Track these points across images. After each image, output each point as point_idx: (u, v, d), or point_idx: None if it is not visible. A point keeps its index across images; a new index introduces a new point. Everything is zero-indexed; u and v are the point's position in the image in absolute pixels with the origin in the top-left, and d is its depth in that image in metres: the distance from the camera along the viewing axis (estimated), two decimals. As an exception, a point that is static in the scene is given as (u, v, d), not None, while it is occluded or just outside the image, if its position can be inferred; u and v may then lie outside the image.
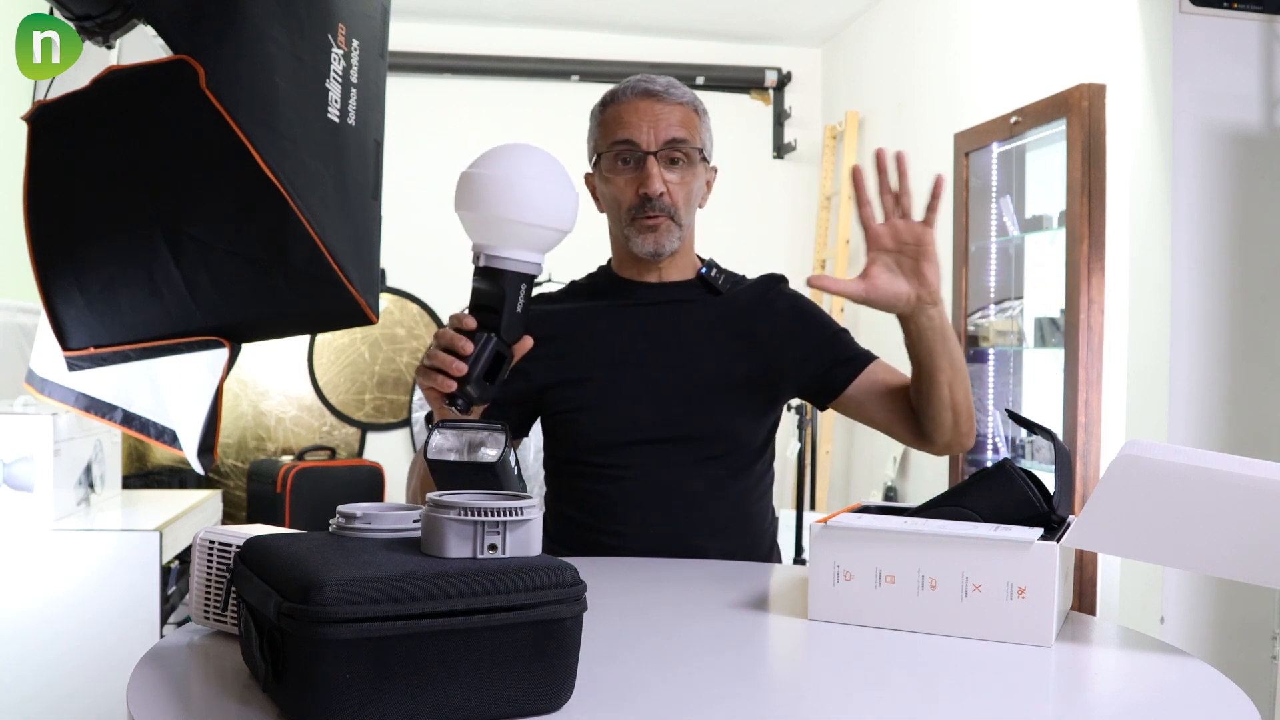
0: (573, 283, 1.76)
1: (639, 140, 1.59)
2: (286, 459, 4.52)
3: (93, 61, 1.31)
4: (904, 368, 1.64)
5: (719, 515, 1.60)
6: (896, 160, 1.37)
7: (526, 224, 1.33)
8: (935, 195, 1.37)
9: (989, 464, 2.23)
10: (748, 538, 1.63)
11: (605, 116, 1.64)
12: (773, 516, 1.71)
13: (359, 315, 1.34)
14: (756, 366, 1.62)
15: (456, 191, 1.37)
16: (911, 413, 1.58)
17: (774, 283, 1.71)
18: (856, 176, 1.40)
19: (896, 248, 1.41)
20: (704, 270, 1.68)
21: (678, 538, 1.57)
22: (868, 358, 1.65)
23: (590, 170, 1.70)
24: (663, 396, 1.60)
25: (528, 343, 1.42)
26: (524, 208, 1.33)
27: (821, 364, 1.64)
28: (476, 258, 1.38)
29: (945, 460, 3.63)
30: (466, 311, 1.40)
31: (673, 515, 1.58)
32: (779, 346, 1.64)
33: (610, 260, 1.73)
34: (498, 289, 1.37)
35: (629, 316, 1.65)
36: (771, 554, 1.68)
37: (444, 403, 1.39)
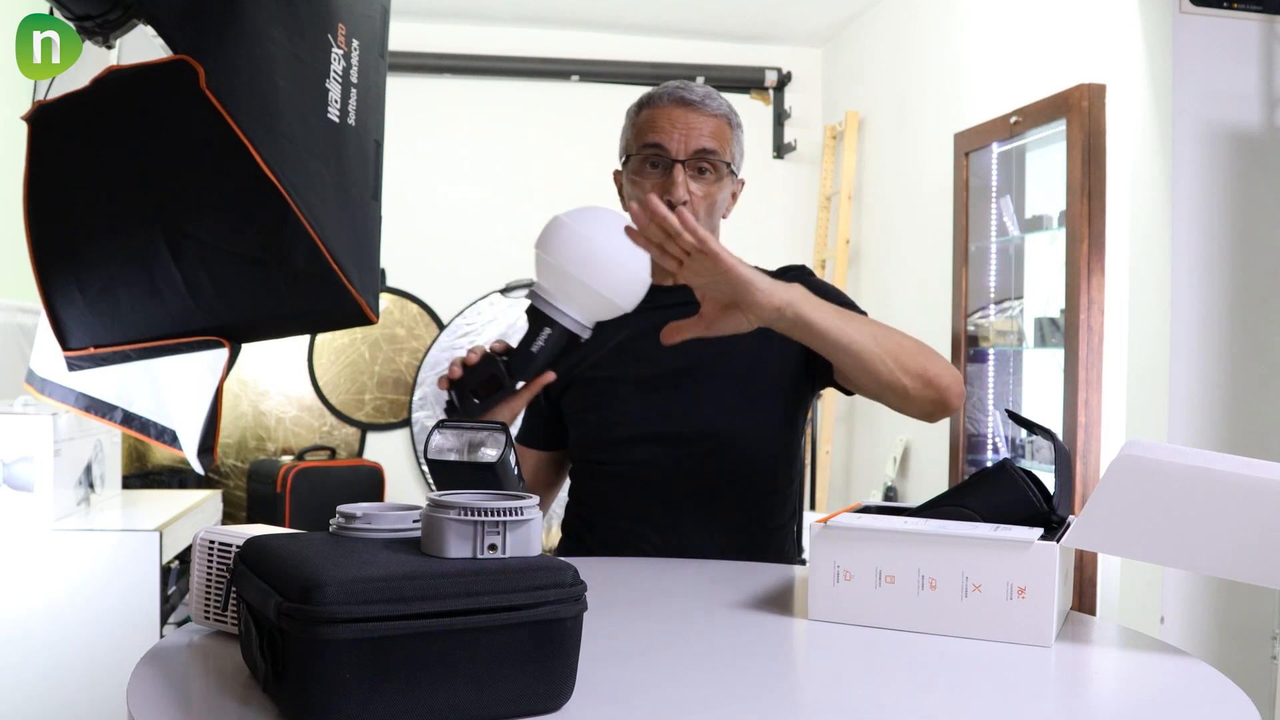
0: None
1: (669, 147, 1.59)
2: (286, 459, 4.52)
3: (93, 61, 1.31)
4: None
5: (725, 513, 1.61)
6: (652, 213, 1.22)
7: (592, 290, 1.36)
8: (680, 222, 1.21)
9: (989, 464, 2.23)
10: (756, 537, 1.64)
11: (639, 119, 1.64)
12: (792, 515, 1.71)
13: (359, 315, 1.34)
14: (766, 364, 1.62)
15: (543, 231, 1.41)
16: None
17: (792, 276, 1.68)
18: (642, 237, 1.25)
19: (706, 282, 1.29)
20: None
21: (683, 536, 1.58)
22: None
23: (620, 168, 1.70)
24: (667, 398, 1.61)
25: (540, 382, 1.45)
26: (597, 275, 1.37)
27: None
28: (530, 294, 1.43)
29: (945, 460, 3.63)
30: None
31: (680, 514, 1.59)
32: (788, 339, 1.62)
33: None
34: (533, 327, 1.42)
35: (640, 319, 1.66)
36: (790, 552, 1.68)
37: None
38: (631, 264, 1.38)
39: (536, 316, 1.42)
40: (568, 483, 1.77)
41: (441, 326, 4.81)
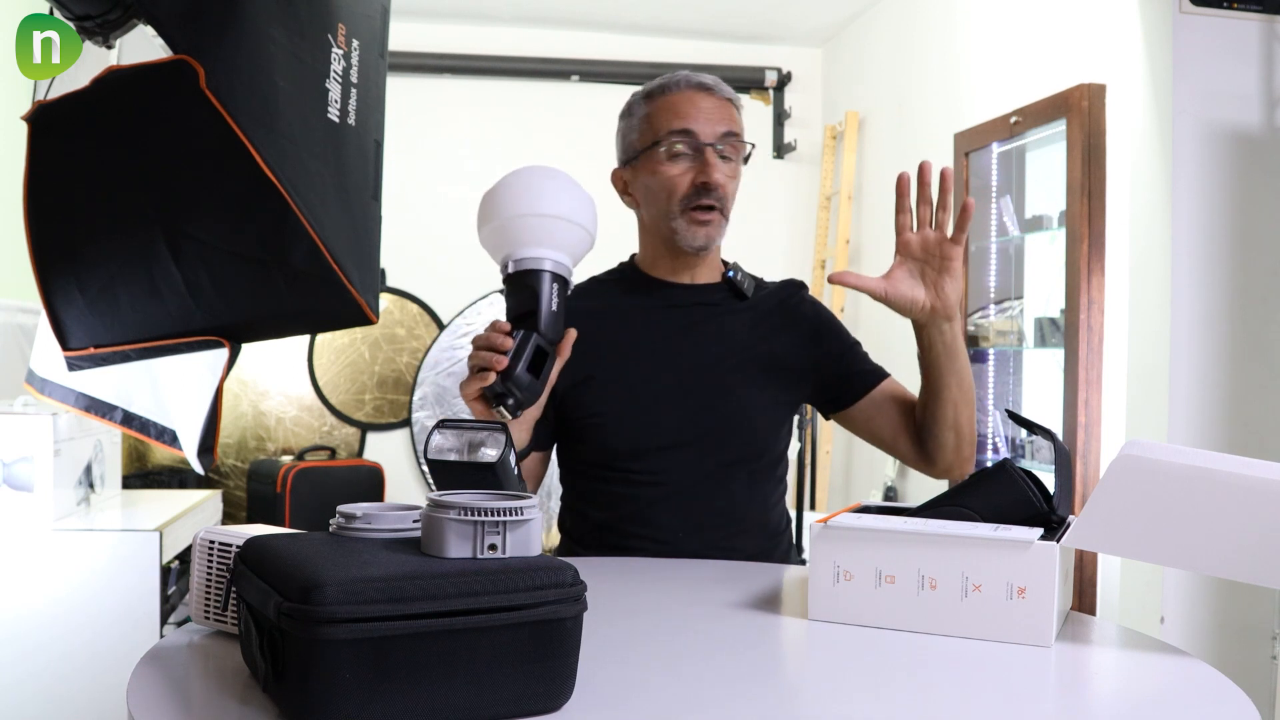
0: (594, 278, 1.75)
1: (698, 131, 1.59)
2: (286, 459, 4.52)
3: (93, 61, 1.31)
4: (910, 385, 1.66)
5: (746, 517, 1.61)
6: (941, 175, 1.39)
7: (545, 216, 1.34)
8: (965, 215, 1.39)
9: (989, 464, 2.23)
10: (770, 539, 1.64)
11: (655, 108, 1.62)
12: (788, 518, 1.72)
13: (359, 315, 1.34)
14: (778, 371, 1.63)
15: (478, 215, 1.38)
16: (916, 430, 1.60)
17: (795, 289, 1.73)
18: (901, 183, 1.40)
19: (923, 257, 1.43)
20: (729, 274, 1.68)
21: (706, 540, 1.57)
22: (881, 373, 1.67)
23: (619, 166, 1.68)
24: (692, 401, 1.60)
25: (570, 339, 1.42)
26: (540, 201, 1.34)
27: (837, 374, 1.66)
28: (504, 269, 1.37)
29: (945, 460, 3.62)
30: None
31: (701, 518, 1.58)
32: (799, 353, 1.65)
33: (635, 256, 1.72)
34: (530, 289, 1.35)
35: (657, 318, 1.65)
36: (790, 554, 1.68)
37: (493, 405, 1.37)
38: (568, 187, 1.37)
39: (527, 278, 1.35)
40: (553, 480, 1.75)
41: (441, 326, 4.81)
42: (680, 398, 1.60)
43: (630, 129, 1.66)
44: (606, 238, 2.36)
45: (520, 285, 1.36)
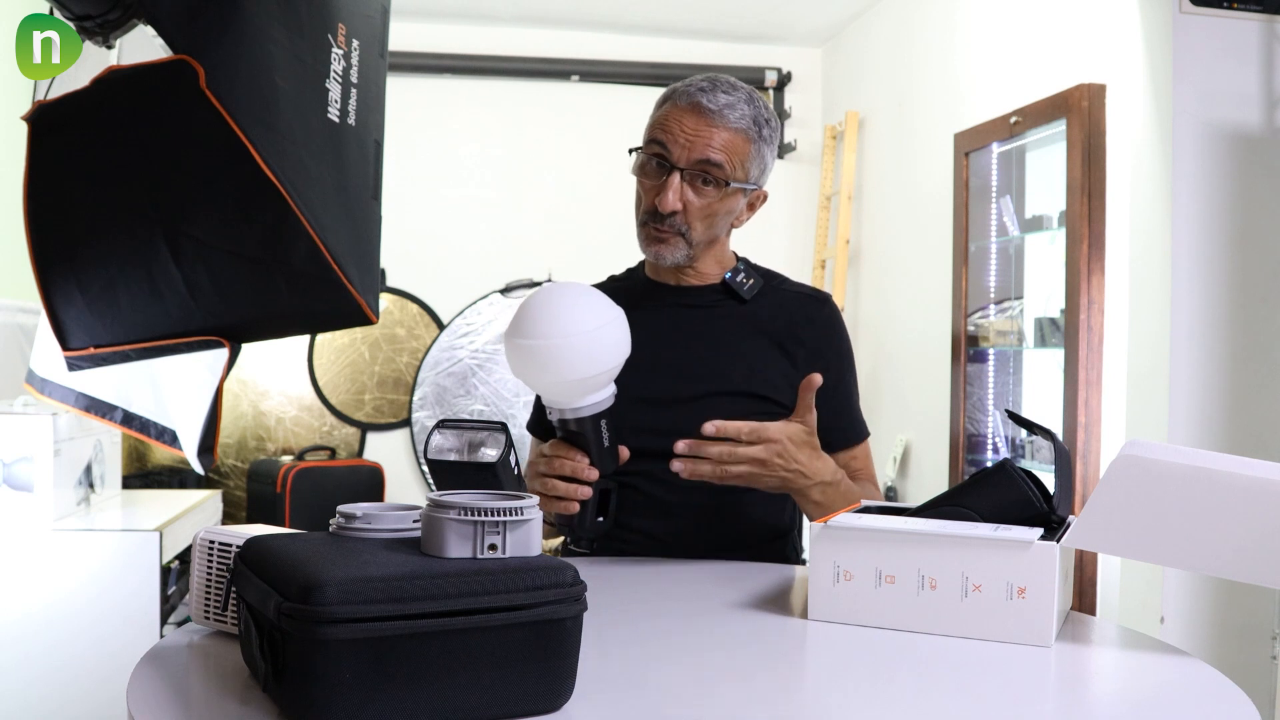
0: (611, 277, 1.75)
1: (671, 151, 1.54)
2: (286, 459, 4.52)
3: (93, 61, 1.31)
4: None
5: (727, 527, 1.59)
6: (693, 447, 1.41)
7: (590, 376, 1.35)
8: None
9: (989, 464, 2.23)
10: (756, 549, 1.61)
11: (657, 113, 1.59)
12: (791, 522, 1.68)
13: (359, 315, 1.34)
14: (758, 387, 1.58)
15: (510, 359, 1.37)
16: None
17: (819, 305, 1.67)
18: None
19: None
20: (730, 275, 1.64)
21: (680, 546, 1.56)
22: (852, 438, 1.63)
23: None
24: (667, 404, 1.57)
25: (625, 456, 1.47)
26: (583, 364, 1.33)
27: (820, 410, 1.50)
28: (549, 410, 1.42)
29: (945, 460, 3.63)
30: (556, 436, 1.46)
31: (680, 526, 1.57)
32: (786, 377, 1.59)
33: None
34: (581, 432, 1.42)
35: (645, 322, 1.60)
36: (785, 559, 1.65)
37: (565, 535, 1.47)
38: (601, 329, 1.34)
39: (573, 424, 1.41)
40: None
41: (441, 326, 4.81)
42: (653, 401, 1.57)
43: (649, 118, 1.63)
44: (605, 241, 2.35)
45: (571, 425, 1.42)
